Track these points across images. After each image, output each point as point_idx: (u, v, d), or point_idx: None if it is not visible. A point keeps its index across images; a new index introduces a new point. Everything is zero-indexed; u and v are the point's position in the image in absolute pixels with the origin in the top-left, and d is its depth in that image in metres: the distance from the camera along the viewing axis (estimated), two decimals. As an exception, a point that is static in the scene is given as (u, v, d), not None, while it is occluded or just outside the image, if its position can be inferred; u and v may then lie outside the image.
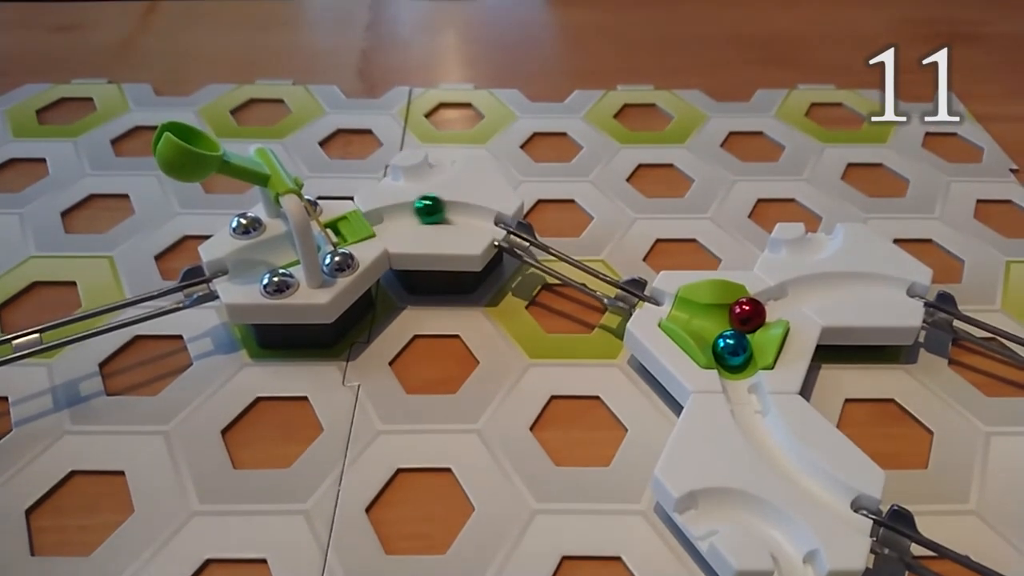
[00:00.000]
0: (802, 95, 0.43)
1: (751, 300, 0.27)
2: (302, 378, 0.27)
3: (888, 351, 0.28)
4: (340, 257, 0.26)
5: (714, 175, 0.37)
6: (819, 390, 0.27)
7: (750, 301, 0.27)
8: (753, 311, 0.27)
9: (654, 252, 0.33)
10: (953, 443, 0.25)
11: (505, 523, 0.23)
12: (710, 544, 0.20)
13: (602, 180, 0.37)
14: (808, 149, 0.39)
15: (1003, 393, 0.27)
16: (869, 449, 0.25)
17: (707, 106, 0.42)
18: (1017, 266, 0.32)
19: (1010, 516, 0.23)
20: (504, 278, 0.31)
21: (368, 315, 0.29)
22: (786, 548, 0.21)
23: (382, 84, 0.43)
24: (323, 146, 0.38)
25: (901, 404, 0.26)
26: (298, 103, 0.41)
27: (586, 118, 0.41)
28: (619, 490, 0.24)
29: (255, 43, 0.48)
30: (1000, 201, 0.36)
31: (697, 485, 0.21)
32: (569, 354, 0.28)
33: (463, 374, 0.27)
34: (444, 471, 0.24)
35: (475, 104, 0.42)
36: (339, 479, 0.24)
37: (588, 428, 0.26)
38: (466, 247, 0.28)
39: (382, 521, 0.23)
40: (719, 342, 0.25)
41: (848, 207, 0.35)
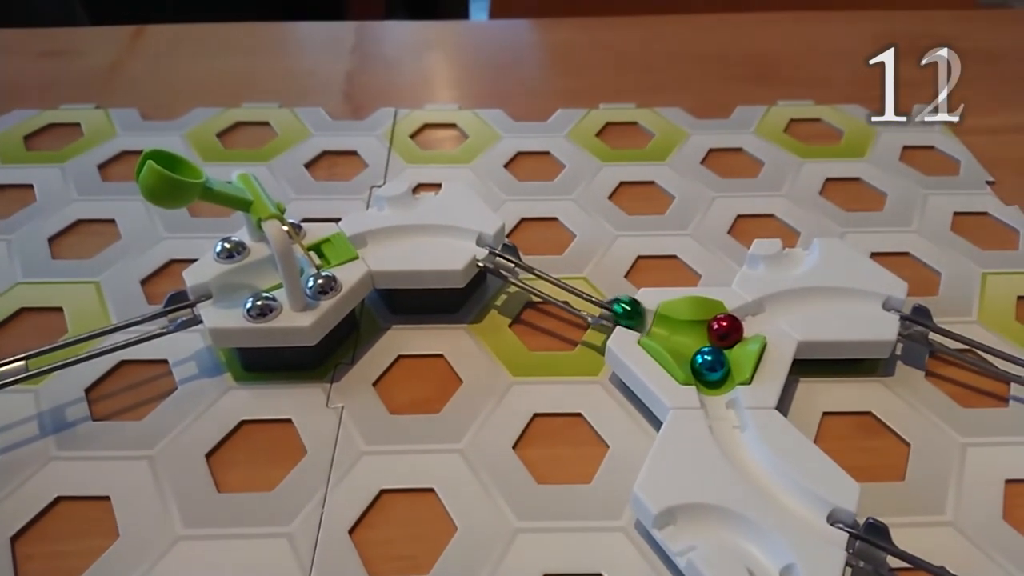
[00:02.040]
0: (781, 111, 0.44)
1: (728, 316, 0.27)
2: (286, 400, 0.27)
3: (865, 364, 0.28)
4: (323, 280, 0.27)
5: (694, 192, 0.38)
6: (797, 404, 0.27)
7: (727, 317, 0.27)
8: (730, 327, 0.27)
9: (636, 269, 0.33)
10: (930, 455, 0.26)
11: (487, 542, 0.23)
12: (688, 560, 0.21)
13: (584, 198, 0.37)
14: (787, 165, 0.39)
15: (979, 404, 0.27)
16: (847, 462, 0.25)
17: (688, 123, 0.43)
18: (993, 278, 0.33)
19: (986, 527, 0.24)
20: (488, 296, 0.32)
21: (352, 336, 0.29)
22: (763, 562, 0.21)
23: (368, 106, 0.44)
24: (309, 168, 0.39)
25: (878, 417, 0.27)
26: (284, 126, 0.42)
27: (569, 137, 0.42)
28: (600, 507, 0.24)
29: (242, 67, 0.49)
30: (976, 213, 0.37)
31: (675, 501, 0.22)
32: (552, 371, 0.28)
33: (447, 393, 0.27)
34: (427, 491, 0.24)
35: (460, 124, 0.42)
36: (323, 501, 0.24)
37: (570, 445, 0.26)
38: (448, 263, 0.28)
39: (366, 542, 0.23)
40: (697, 358, 0.26)
41: (826, 222, 0.35)
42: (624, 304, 0.27)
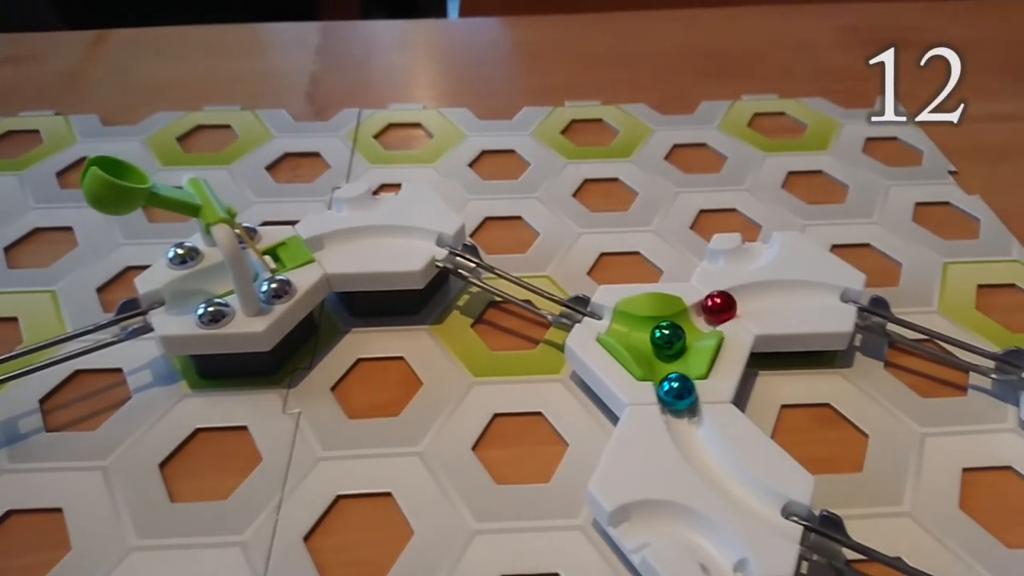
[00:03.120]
0: (745, 106, 0.44)
1: (722, 293, 0.27)
2: (242, 407, 0.27)
3: (824, 356, 0.28)
4: (277, 284, 0.26)
5: (658, 188, 0.37)
6: (756, 397, 0.27)
7: (721, 294, 0.27)
8: (724, 303, 0.27)
9: (598, 266, 0.33)
10: (888, 445, 0.26)
11: (444, 545, 0.23)
12: (642, 557, 0.21)
13: (548, 196, 0.37)
14: (750, 159, 0.39)
15: (938, 394, 0.28)
16: (805, 454, 0.25)
17: (653, 119, 0.43)
18: (954, 267, 0.33)
19: (943, 517, 0.24)
20: (450, 297, 0.31)
21: (311, 340, 0.29)
22: (717, 558, 0.21)
23: (332, 107, 0.44)
24: (270, 170, 0.38)
25: (837, 408, 0.27)
26: (245, 128, 0.42)
27: (534, 135, 0.41)
28: (559, 506, 0.24)
29: (205, 70, 0.48)
30: (938, 203, 0.37)
31: (630, 498, 0.22)
32: (513, 371, 0.28)
33: (407, 396, 0.27)
34: (384, 495, 0.24)
35: (424, 124, 0.42)
36: (277, 509, 0.24)
37: (530, 444, 0.26)
38: (406, 264, 0.28)
39: (321, 549, 0.23)
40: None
41: (788, 215, 0.36)
42: (664, 328, 0.26)
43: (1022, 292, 0.32)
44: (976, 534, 0.23)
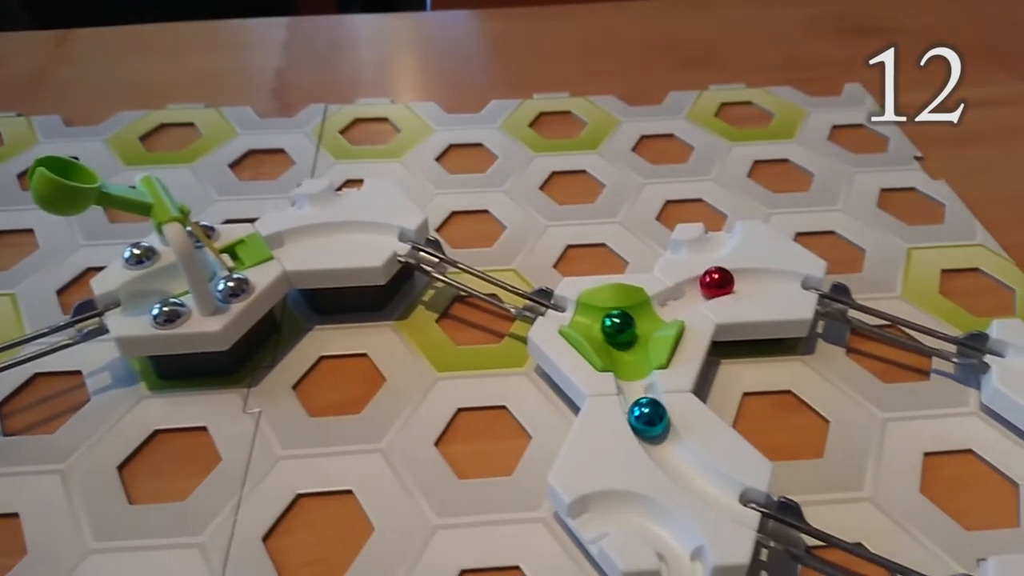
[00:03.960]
0: (713, 96, 0.44)
1: (719, 268, 0.28)
2: (201, 408, 0.26)
3: (786, 343, 0.28)
4: (234, 282, 0.26)
5: (625, 179, 0.37)
6: (718, 385, 0.27)
7: (719, 269, 0.28)
8: (722, 278, 0.28)
9: (565, 258, 0.33)
10: (849, 431, 0.26)
11: (405, 541, 0.23)
12: (599, 547, 0.21)
13: (515, 189, 0.37)
14: (717, 149, 0.39)
15: (900, 379, 0.28)
16: (766, 441, 0.25)
17: (621, 111, 0.43)
18: (918, 252, 0.33)
19: (904, 501, 0.24)
20: (416, 293, 0.31)
21: (272, 339, 0.29)
22: (674, 546, 0.21)
23: (298, 103, 0.43)
24: (234, 168, 0.38)
25: (798, 395, 0.27)
26: (209, 126, 0.41)
27: (502, 128, 0.41)
28: (521, 499, 0.24)
29: (169, 68, 0.48)
30: (904, 189, 0.37)
31: (589, 489, 0.21)
32: (478, 365, 0.28)
33: (369, 393, 0.27)
34: (345, 493, 0.24)
35: (391, 119, 0.42)
36: (236, 509, 0.23)
37: (493, 439, 0.26)
38: (367, 260, 0.28)
39: (280, 549, 0.23)
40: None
41: (753, 204, 0.36)
42: (614, 316, 0.26)
43: (986, 276, 0.32)
44: (936, 518, 0.23)
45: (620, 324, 0.26)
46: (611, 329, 0.26)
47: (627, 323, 0.26)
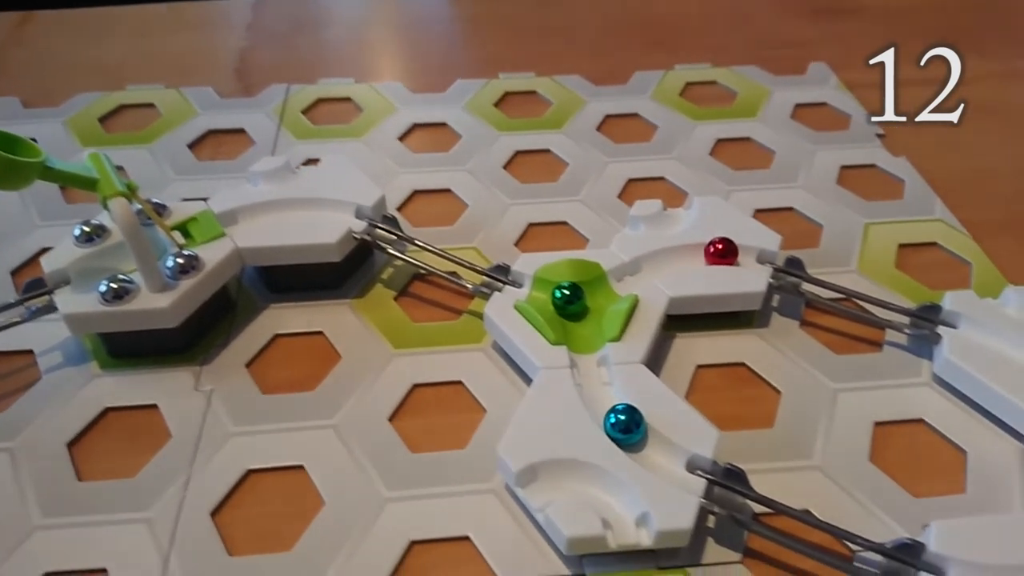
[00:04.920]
0: (678, 75, 0.44)
1: (724, 239, 0.28)
2: (153, 386, 0.26)
3: (741, 317, 0.28)
4: (184, 259, 0.26)
5: (588, 158, 0.37)
6: (672, 358, 0.27)
7: (723, 240, 0.28)
8: (726, 248, 0.28)
9: (526, 236, 0.33)
10: (800, 401, 0.26)
11: (355, 515, 0.22)
12: (545, 515, 0.21)
13: (479, 168, 0.37)
14: (680, 127, 0.39)
15: (854, 350, 0.28)
16: (718, 412, 0.25)
17: (586, 91, 0.42)
18: (875, 227, 0.33)
19: (853, 469, 0.24)
20: (374, 271, 0.31)
21: (227, 317, 0.28)
22: (620, 513, 0.21)
23: (261, 84, 0.43)
24: (193, 148, 0.38)
25: (751, 367, 0.27)
26: (169, 106, 0.41)
27: (467, 107, 0.41)
28: (473, 471, 0.24)
29: (131, 50, 0.47)
30: (864, 166, 0.37)
31: (537, 458, 0.22)
32: (435, 342, 0.28)
33: (324, 370, 0.27)
34: (296, 469, 0.24)
35: (354, 98, 0.42)
36: (185, 485, 0.23)
37: (448, 413, 0.26)
38: (322, 236, 0.28)
39: (229, 523, 0.22)
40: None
41: (714, 181, 0.36)
42: (564, 288, 0.26)
43: (943, 251, 0.33)
44: (885, 485, 0.24)
45: (570, 296, 0.26)
46: (560, 301, 0.26)
47: (576, 294, 0.26)
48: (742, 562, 0.22)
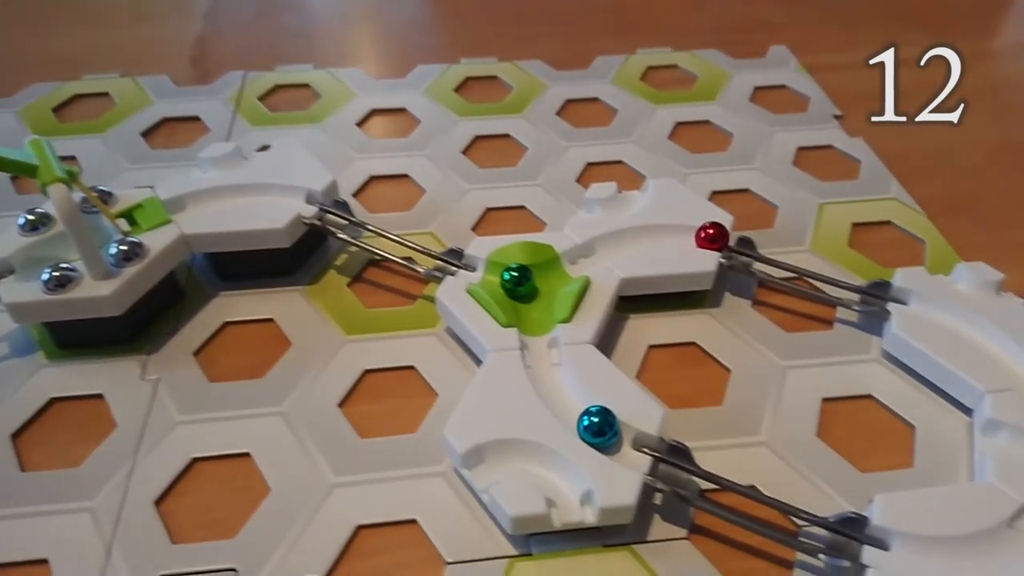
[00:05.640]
0: (640, 59, 0.44)
1: (715, 223, 0.28)
2: (99, 376, 0.26)
3: (694, 298, 0.29)
4: (127, 246, 0.25)
5: (548, 142, 0.37)
6: (625, 339, 0.27)
7: (714, 224, 0.28)
8: (716, 233, 0.28)
9: (484, 221, 0.33)
10: (750, 379, 0.26)
11: (300, 501, 0.22)
12: (490, 496, 0.21)
13: (437, 153, 0.37)
14: (640, 111, 0.39)
15: (803, 328, 0.28)
16: (668, 391, 0.26)
17: (548, 75, 0.42)
18: (829, 207, 0.33)
19: (800, 445, 0.24)
20: (328, 257, 0.31)
21: (175, 305, 0.28)
22: (565, 491, 0.21)
23: (217, 71, 0.42)
24: (147, 137, 0.37)
25: (702, 346, 0.27)
26: (124, 95, 0.40)
27: (427, 93, 0.41)
28: (422, 455, 0.24)
29: (87, 40, 0.46)
30: (821, 147, 0.37)
31: (483, 439, 0.21)
32: (388, 327, 0.28)
33: (274, 358, 0.27)
34: (243, 456, 0.24)
35: (313, 84, 0.41)
36: (129, 474, 0.23)
37: (400, 398, 0.26)
38: (269, 222, 0.27)
39: (173, 512, 0.22)
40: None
41: (672, 165, 0.36)
42: (512, 271, 0.26)
43: (896, 228, 0.33)
44: (832, 461, 0.24)
45: (518, 277, 0.26)
46: (509, 283, 0.26)
47: (525, 276, 0.26)
48: (688, 538, 0.22)
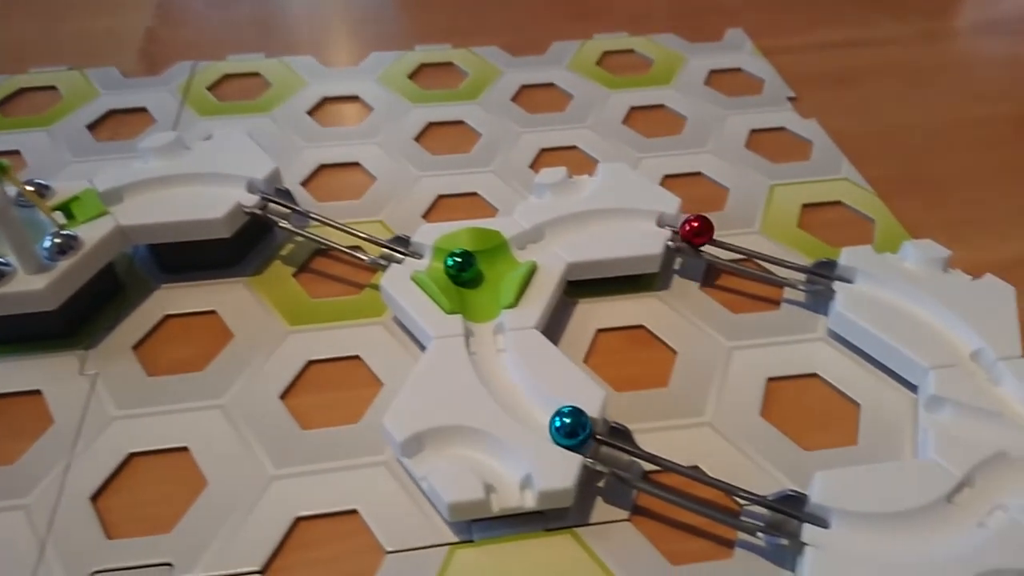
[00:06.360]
0: (596, 44, 0.43)
1: (699, 216, 0.28)
2: (37, 372, 0.25)
3: (643, 281, 0.28)
4: (61, 239, 0.25)
5: (502, 128, 0.37)
6: (574, 324, 0.27)
7: (698, 217, 0.28)
8: (701, 227, 0.28)
9: (436, 208, 0.33)
10: (696, 360, 0.26)
11: (238, 494, 0.22)
12: (428, 483, 0.20)
13: (389, 141, 0.36)
14: (595, 96, 0.39)
15: (750, 309, 0.28)
16: (615, 374, 0.25)
17: (503, 61, 0.42)
18: (780, 188, 0.33)
19: (743, 425, 0.24)
20: (274, 247, 0.30)
21: (116, 299, 0.28)
22: (505, 477, 0.21)
23: (167, 62, 0.41)
24: (92, 129, 0.36)
25: (650, 329, 0.27)
26: (71, 88, 0.39)
27: (380, 80, 0.40)
28: (366, 445, 0.23)
29: (37, 32, 0.45)
30: (774, 129, 0.37)
31: (423, 427, 0.21)
32: (334, 317, 0.28)
33: (215, 350, 0.26)
34: (181, 450, 0.23)
35: (264, 73, 0.41)
36: (65, 470, 0.23)
37: (344, 388, 0.25)
38: (208, 212, 0.27)
39: (109, 507, 0.22)
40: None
41: (626, 149, 0.36)
42: (456, 256, 0.26)
43: (846, 208, 0.33)
44: (775, 439, 0.24)
45: (461, 263, 0.26)
46: (453, 268, 0.26)
47: (468, 261, 0.26)
48: (630, 519, 0.22)
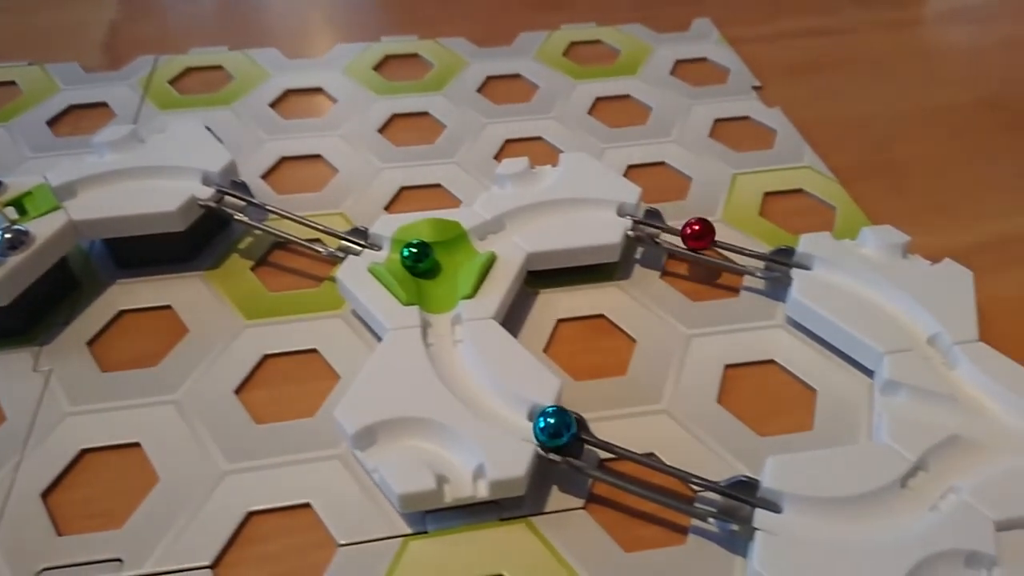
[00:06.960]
0: (563, 35, 0.43)
1: (700, 219, 0.28)
2: (-12, 369, 0.25)
3: (603, 271, 0.28)
4: (11, 234, 0.25)
5: (467, 120, 0.37)
6: (534, 314, 0.27)
7: (699, 220, 0.27)
8: (702, 230, 0.28)
9: (398, 200, 0.33)
10: (654, 349, 0.26)
11: (190, 489, 0.22)
12: (379, 475, 0.20)
13: (352, 133, 0.36)
14: (561, 87, 0.39)
15: (709, 297, 0.28)
16: (575, 363, 0.25)
17: (469, 52, 0.42)
18: (742, 177, 0.34)
19: (699, 412, 0.24)
20: (231, 241, 0.30)
21: (70, 295, 0.27)
22: (458, 467, 0.21)
23: (129, 56, 0.41)
24: (52, 125, 0.36)
25: (610, 318, 0.27)
26: (31, 84, 0.38)
27: (345, 72, 0.40)
28: (320, 438, 0.23)
29: (-7, 24, 0.45)
30: (738, 118, 0.37)
31: (376, 419, 0.21)
32: (291, 311, 0.27)
33: (169, 345, 0.26)
34: (133, 446, 0.23)
35: (226, 66, 0.40)
36: (16, 467, 0.22)
37: (300, 382, 0.25)
38: (162, 205, 0.27)
39: (60, 504, 0.22)
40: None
41: (590, 140, 0.35)
42: (412, 247, 0.26)
43: (807, 196, 0.33)
44: (731, 426, 0.24)
45: (418, 253, 0.25)
46: (409, 259, 0.25)
47: (424, 252, 0.26)
48: (585, 508, 0.22)
